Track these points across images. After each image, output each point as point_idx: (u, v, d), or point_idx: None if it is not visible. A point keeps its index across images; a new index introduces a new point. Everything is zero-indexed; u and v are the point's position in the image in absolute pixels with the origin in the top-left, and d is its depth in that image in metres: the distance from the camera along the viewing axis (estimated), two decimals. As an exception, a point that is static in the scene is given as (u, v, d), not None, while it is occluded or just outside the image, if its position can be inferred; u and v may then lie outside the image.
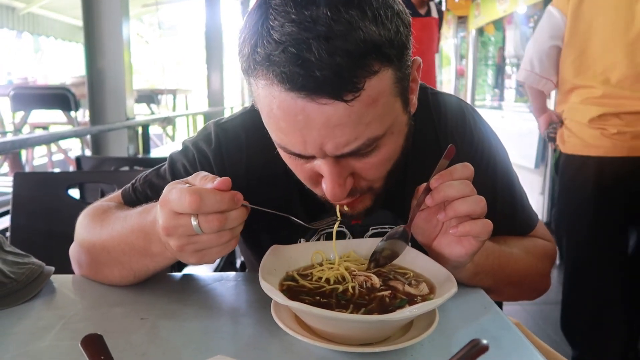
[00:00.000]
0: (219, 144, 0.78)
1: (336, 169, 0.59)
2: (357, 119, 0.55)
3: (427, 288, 0.62)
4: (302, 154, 0.59)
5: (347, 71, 0.51)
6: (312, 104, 0.53)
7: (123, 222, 0.69)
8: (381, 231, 0.79)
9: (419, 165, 0.73)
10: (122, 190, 0.85)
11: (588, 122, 1.63)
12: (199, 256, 0.59)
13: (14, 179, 1.34)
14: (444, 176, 0.62)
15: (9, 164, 4.60)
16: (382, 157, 0.61)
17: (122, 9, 2.59)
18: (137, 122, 2.79)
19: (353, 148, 0.57)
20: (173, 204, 0.55)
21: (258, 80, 0.56)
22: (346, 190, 0.61)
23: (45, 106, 4.23)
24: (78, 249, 0.77)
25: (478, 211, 0.61)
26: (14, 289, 0.69)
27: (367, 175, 0.63)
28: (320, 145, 0.56)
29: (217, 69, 5.43)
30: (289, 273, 0.66)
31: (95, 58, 2.60)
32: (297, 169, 0.65)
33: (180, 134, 7.56)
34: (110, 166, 1.79)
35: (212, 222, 0.54)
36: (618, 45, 1.58)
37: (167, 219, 0.56)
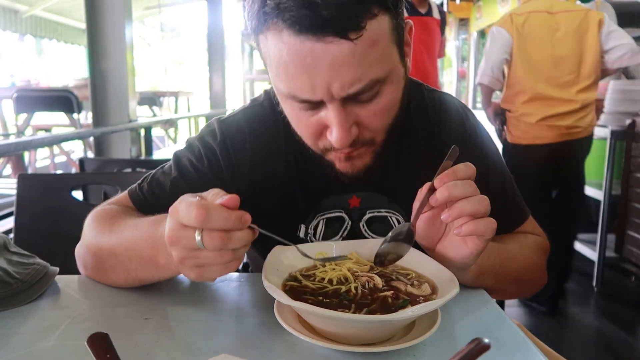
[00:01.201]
0: (224, 137, 0.82)
1: (342, 114, 0.64)
2: (360, 59, 0.60)
3: (430, 288, 0.62)
4: (310, 99, 0.63)
5: (350, 11, 0.57)
6: (319, 44, 0.58)
7: (133, 229, 0.69)
8: (377, 215, 0.83)
9: (414, 154, 0.81)
10: (129, 190, 0.85)
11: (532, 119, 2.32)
12: (198, 272, 0.57)
13: (17, 181, 1.35)
14: (447, 176, 0.62)
15: (12, 166, 4.62)
16: (383, 104, 0.66)
17: (124, 12, 2.60)
18: (140, 124, 2.80)
19: (357, 89, 0.62)
20: (181, 214, 0.54)
21: (267, 33, 0.61)
22: (351, 137, 0.66)
23: (48, 108, 4.24)
24: (84, 250, 0.77)
25: (482, 211, 0.61)
26: (19, 289, 0.69)
27: (370, 124, 0.67)
28: (327, 86, 0.61)
29: (219, 71, 5.44)
30: (292, 273, 0.67)
31: (98, 60, 2.61)
32: (303, 124, 0.69)
33: (182, 136, 7.57)
34: (113, 168, 1.80)
35: (215, 239, 0.53)
36: (548, 62, 2.28)
37: (173, 229, 0.55)
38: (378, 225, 0.83)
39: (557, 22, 2.25)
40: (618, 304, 2.75)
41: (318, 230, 0.83)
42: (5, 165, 4.73)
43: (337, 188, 0.81)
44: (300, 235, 0.84)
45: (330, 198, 0.82)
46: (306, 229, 0.83)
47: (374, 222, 0.83)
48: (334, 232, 0.83)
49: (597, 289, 2.85)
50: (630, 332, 2.40)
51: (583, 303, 2.76)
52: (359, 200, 0.82)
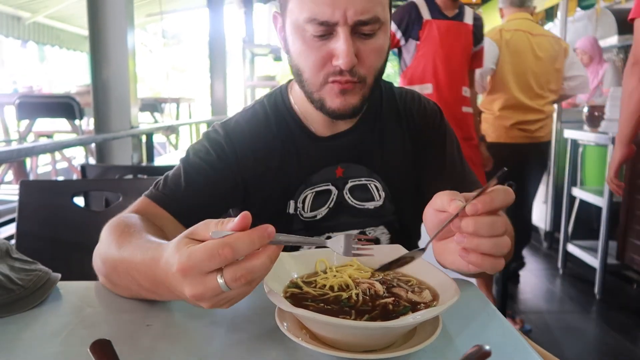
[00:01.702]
0: (227, 133, 0.93)
1: (349, 39, 0.78)
2: None
3: (430, 295, 0.62)
4: (329, 20, 0.76)
5: None
6: None
7: (134, 249, 0.66)
8: (358, 183, 0.95)
9: (386, 133, 0.97)
10: (145, 194, 0.89)
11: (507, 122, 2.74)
12: (218, 305, 0.56)
13: (20, 187, 1.35)
14: (483, 205, 0.57)
15: (14, 172, 4.63)
16: (377, 45, 0.81)
17: (127, 19, 2.62)
18: (141, 131, 2.81)
19: (366, 18, 0.77)
20: (201, 266, 0.51)
21: None
22: (353, 62, 0.78)
23: (50, 115, 4.26)
24: (97, 257, 0.76)
25: (498, 254, 0.58)
26: (21, 296, 0.69)
27: (366, 59, 0.81)
28: (344, 10, 0.76)
29: (220, 77, 5.46)
30: (293, 280, 0.67)
31: (101, 67, 2.62)
32: (312, 53, 0.80)
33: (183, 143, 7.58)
34: (114, 174, 1.80)
35: (240, 281, 0.51)
36: (526, 75, 2.69)
37: (195, 287, 0.52)
38: (359, 192, 0.95)
39: (537, 43, 2.70)
40: (619, 311, 2.74)
41: (306, 203, 0.94)
42: (6, 171, 4.74)
43: (324, 161, 0.94)
44: (289, 211, 0.93)
45: (320, 172, 0.94)
46: (295, 204, 0.93)
47: (356, 190, 0.95)
48: (321, 203, 0.94)
49: (599, 296, 2.84)
50: (632, 339, 2.40)
51: (584, 310, 2.75)
52: (342, 171, 0.94)
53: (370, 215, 0.95)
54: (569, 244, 3.25)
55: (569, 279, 3.22)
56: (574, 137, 3.20)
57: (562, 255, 3.31)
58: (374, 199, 0.95)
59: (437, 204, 0.62)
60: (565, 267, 3.33)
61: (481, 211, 0.56)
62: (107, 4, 2.59)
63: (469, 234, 0.58)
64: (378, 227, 0.96)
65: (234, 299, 0.56)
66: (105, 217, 0.83)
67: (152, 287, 0.63)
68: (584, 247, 3.13)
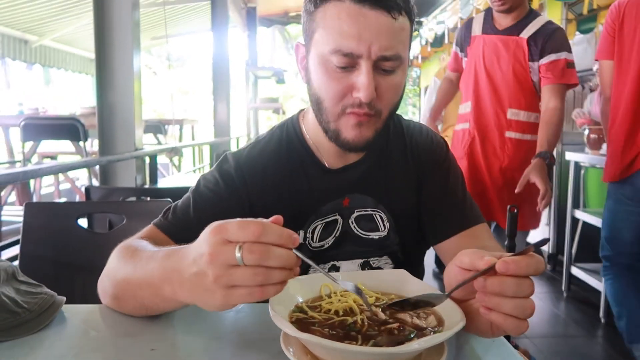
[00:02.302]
0: (237, 163, 0.95)
1: (371, 73, 0.80)
2: (395, 34, 0.80)
3: (436, 321, 0.62)
4: (354, 52, 0.79)
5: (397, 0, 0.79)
6: (372, 12, 0.78)
7: (149, 259, 0.69)
8: (364, 213, 0.96)
9: (392, 165, 0.98)
10: (154, 223, 0.90)
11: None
12: (226, 293, 0.56)
13: (24, 209, 1.36)
14: (515, 265, 0.55)
15: (17, 194, 4.65)
16: (396, 82, 0.84)
17: (133, 42, 2.66)
18: (145, 152, 2.83)
19: (389, 54, 0.80)
20: (230, 231, 0.55)
21: (329, 4, 0.81)
22: (373, 95, 0.81)
23: (55, 136, 4.28)
24: (105, 279, 0.78)
25: (521, 317, 0.57)
26: (26, 319, 0.70)
27: (384, 94, 0.83)
28: (369, 44, 0.78)
29: (224, 99, 5.51)
30: (298, 304, 0.67)
31: (106, 90, 2.66)
32: (333, 83, 0.83)
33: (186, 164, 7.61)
34: (118, 196, 1.82)
35: (255, 253, 0.53)
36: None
37: (216, 245, 0.55)
38: (365, 222, 0.96)
39: None
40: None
41: (315, 233, 0.95)
42: (10, 192, 4.75)
43: (334, 193, 0.95)
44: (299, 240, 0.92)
45: (329, 204, 0.95)
46: (305, 234, 0.95)
47: (362, 220, 0.96)
48: (328, 233, 0.95)
49: (604, 319, 2.81)
50: (639, 364, 2.36)
51: (590, 334, 2.72)
52: (349, 201, 0.96)
53: (374, 245, 0.96)
54: (573, 267, 3.22)
55: (573, 302, 3.19)
56: (575, 160, 3.21)
57: (566, 278, 3.29)
58: (379, 230, 0.96)
59: (465, 263, 0.60)
60: (569, 290, 3.30)
61: (511, 272, 0.55)
62: (114, 28, 2.64)
63: (493, 294, 0.56)
64: (382, 257, 0.96)
65: (241, 292, 0.55)
66: (108, 239, 0.84)
67: (159, 282, 0.64)
68: (588, 270, 3.10)
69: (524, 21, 2.13)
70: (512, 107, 2.15)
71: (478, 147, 2.27)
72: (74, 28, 6.19)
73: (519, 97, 2.15)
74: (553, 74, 2.08)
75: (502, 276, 0.56)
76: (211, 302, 0.57)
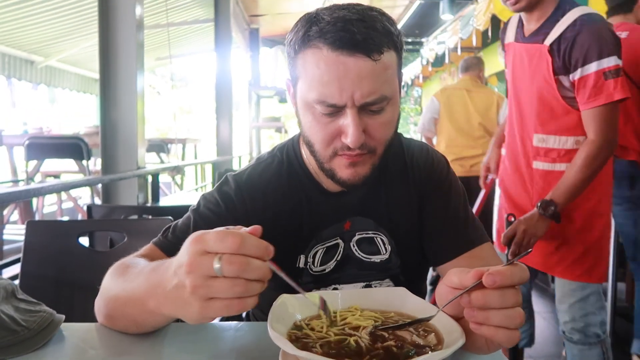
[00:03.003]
0: (238, 186, 0.94)
1: (358, 119, 0.79)
2: (377, 76, 0.77)
3: (436, 339, 0.62)
4: (337, 103, 0.78)
5: (376, 39, 0.77)
6: (351, 59, 0.76)
7: (136, 276, 0.70)
8: (365, 236, 0.95)
9: (393, 187, 0.97)
10: (153, 242, 0.90)
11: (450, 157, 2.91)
12: (204, 305, 0.55)
13: (26, 227, 1.37)
14: (500, 276, 0.56)
15: (19, 212, 4.66)
16: (386, 119, 0.82)
17: (137, 63, 2.69)
18: (148, 171, 2.84)
19: (373, 99, 0.78)
20: (208, 242, 0.54)
21: (307, 52, 0.79)
22: (362, 140, 0.80)
23: (58, 155, 4.31)
24: (100, 297, 0.78)
25: (511, 327, 0.57)
26: (25, 337, 0.69)
27: (375, 133, 0.82)
28: (351, 93, 0.77)
29: (226, 118, 5.55)
30: (297, 323, 0.67)
31: (110, 109, 2.69)
32: (321, 129, 0.82)
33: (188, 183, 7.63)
34: (120, 214, 1.82)
35: (234, 264, 0.53)
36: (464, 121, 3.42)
37: (194, 255, 0.55)
38: (366, 245, 0.94)
39: (472, 98, 3.43)
40: (630, 355, 2.66)
41: (316, 258, 0.94)
42: (13, 211, 4.76)
43: (335, 217, 0.94)
44: (299, 265, 0.93)
45: (330, 227, 0.94)
46: (305, 258, 0.93)
47: (363, 243, 0.95)
48: (330, 258, 0.94)
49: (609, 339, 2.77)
50: (646, 385, 2.32)
51: (595, 355, 2.67)
52: (350, 224, 0.95)
53: (376, 268, 0.95)
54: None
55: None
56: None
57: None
58: (380, 253, 0.95)
59: (454, 282, 0.61)
60: (574, 309, 3.26)
61: (498, 284, 0.56)
62: (118, 49, 2.68)
63: (479, 308, 0.57)
64: (384, 280, 0.95)
65: (220, 304, 0.54)
66: (109, 257, 0.84)
67: (145, 295, 0.64)
68: (592, 289, 3.07)
69: (549, 22, 1.59)
70: (537, 132, 1.66)
71: (509, 178, 1.85)
72: (80, 49, 6.28)
73: (546, 120, 1.63)
74: (584, 96, 1.52)
75: (485, 289, 0.57)
76: (189, 314, 0.57)
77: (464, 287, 0.59)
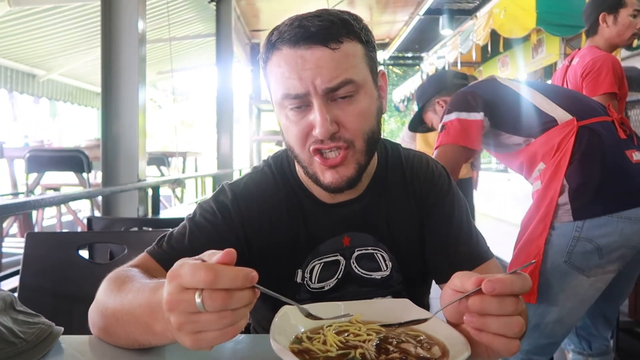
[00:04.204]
0: (235, 195, 0.92)
1: (323, 107, 0.78)
2: (338, 63, 0.78)
3: (440, 351, 0.61)
4: (299, 93, 0.78)
5: (332, 29, 0.78)
6: (308, 51, 0.78)
7: (136, 293, 0.67)
8: (364, 252, 0.92)
9: (393, 202, 0.94)
10: (147, 251, 0.87)
11: None
12: (195, 338, 0.54)
13: (26, 239, 1.36)
14: (500, 284, 0.56)
15: (19, 225, 4.64)
16: (358, 109, 0.81)
17: (139, 77, 2.71)
18: (148, 184, 2.84)
19: (334, 84, 0.78)
20: (184, 278, 0.52)
21: (272, 56, 0.81)
22: (331, 130, 0.79)
23: (59, 168, 4.32)
24: (94, 309, 0.76)
25: (509, 335, 0.57)
26: (23, 349, 0.68)
27: (347, 123, 0.80)
28: (312, 81, 0.77)
29: (227, 132, 5.57)
30: (298, 335, 0.66)
31: (111, 122, 2.70)
32: (294, 127, 0.82)
33: (189, 195, 7.63)
34: (120, 227, 1.81)
35: (216, 300, 0.51)
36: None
37: (173, 293, 0.53)
38: (366, 262, 0.92)
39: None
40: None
41: (314, 274, 0.91)
42: (12, 224, 4.75)
43: (331, 231, 0.92)
44: (297, 280, 0.91)
45: (328, 242, 0.92)
46: (303, 273, 0.91)
47: (362, 259, 0.92)
48: (330, 275, 0.92)
49: (614, 354, 2.74)
50: (651, 402, 2.29)
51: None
52: (349, 240, 0.92)
53: (377, 285, 0.92)
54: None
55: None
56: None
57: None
58: (381, 269, 0.93)
59: (457, 285, 0.61)
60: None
61: (497, 291, 0.55)
62: (120, 63, 2.70)
63: (477, 313, 0.57)
64: (385, 297, 0.93)
65: (212, 335, 0.53)
66: (109, 269, 0.83)
67: (150, 319, 0.62)
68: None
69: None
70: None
71: None
72: (82, 63, 6.32)
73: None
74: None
75: (484, 295, 0.56)
76: (184, 344, 0.55)
77: (466, 291, 0.59)
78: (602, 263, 1.41)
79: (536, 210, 1.52)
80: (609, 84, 1.97)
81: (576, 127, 1.46)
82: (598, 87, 1.98)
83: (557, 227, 1.45)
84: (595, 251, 1.40)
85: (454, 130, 1.60)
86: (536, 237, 1.48)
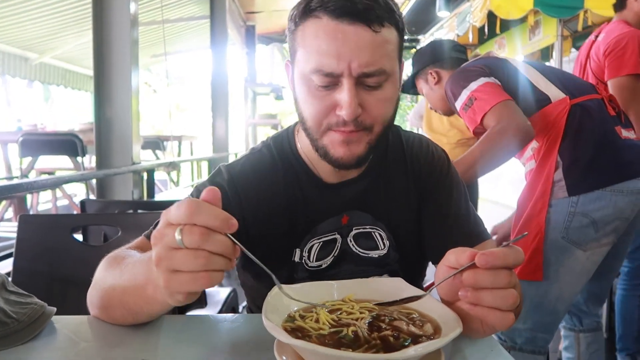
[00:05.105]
0: (231, 177, 0.92)
1: (354, 90, 0.77)
2: (376, 48, 0.76)
3: (432, 328, 0.61)
4: (333, 71, 0.76)
5: (377, 10, 0.76)
6: (350, 27, 0.75)
7: (135, 263, 0.69)
8: (362, 231, 0.92)
9: (392, 181, 0.95)
10: (145, 234, 0.88)
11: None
12: (168, 277, 0.55)
13: (18, 222, 1.35)
14: (493, 257, 0.57)
15: (14, 209, 4.62)
16: (384, 96, 0.80)
17: (131, 60, 2.68)
18: (143, 167, 2.83)
19: (370, 70, 0.76)
20: (170, 212, 0.55)
21: (307, 22, 0.79)
22: (356, 113, 0.78)
23: (53, 152, 4.29)
24: (93, 289, 0.77)
25: (503, 307, 0.58)
26: (15, 329, 0.68)
27: (372, 110, 0.80)
28: (349, 62, 0.75)
29: (222, 116, 5.54)
30: (291, 314, 0.66)
31: (104, 106, 2.67)
32: (316, 102, 0.80)
33: (184, 179, 7.61)
34: (114, 209, 1.80)
35: (194, 235, 0.53)
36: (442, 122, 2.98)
37: (161, 228, 0.56)
38: (363, 240, 0.92)
39: None
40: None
41: (312, 252, 0.91)
42: (7, 208, 4.73)
43: (332, 211, 0.91)
44: (295, 259, 0.91)
45: (327, 221, 0.91)
46: (301, 252, 0.91)
47: (360, 238, 0.92)
48: (327, 253, 0.92)
49: (606, 334, 2.77)
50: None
51: None
52: (347, 219, 0.92)
53: (374, 264, 0.93)
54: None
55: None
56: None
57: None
58: (378, 248, 0.93)
59: (451, 261, 0.62)
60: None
61: (491, 264, 0.56)
62: (112, 46, 2.66)
63: (471, 287, 0.58)
64: (382, 276, 0.93)
65: (185, 277, 0.54)
66: (103, 251, 0.82)
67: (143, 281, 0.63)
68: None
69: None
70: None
71: None
72: (74, 46, 6.23)
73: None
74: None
75: (478, 269, 0.57)
76: (159, 290, 0.57)
77: (460, 266, 0.60)
78: (598, 236, 1.44)
79: (532, 189, 1.53)
80: (634, 64, 1.87)
81: (569, 105, 1.47)
82: (622, 67, 1.89)
83: (553, 204, 1.48)
84: (590, 225, 1.43)
85: (486, 94, 1.49)
86: (536, 214, 1.50)
